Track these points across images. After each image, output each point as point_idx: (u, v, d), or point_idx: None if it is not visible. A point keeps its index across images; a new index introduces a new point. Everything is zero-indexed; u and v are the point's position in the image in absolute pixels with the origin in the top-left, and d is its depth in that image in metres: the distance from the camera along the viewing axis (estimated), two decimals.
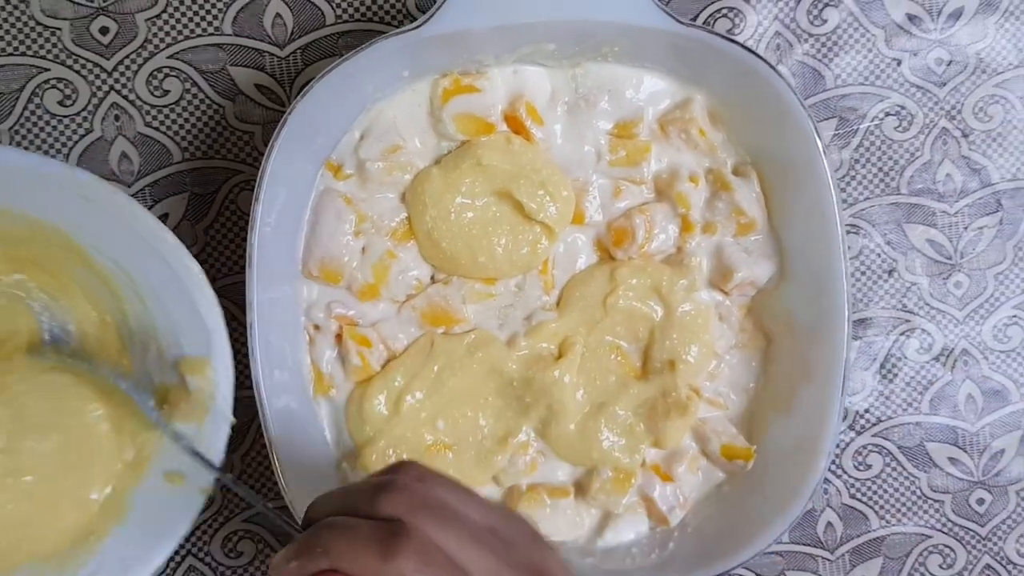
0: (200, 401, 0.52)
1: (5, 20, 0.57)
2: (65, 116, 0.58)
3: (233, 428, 0.52)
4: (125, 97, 0.58)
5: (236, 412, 0.52)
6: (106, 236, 0.51)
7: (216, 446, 0.52)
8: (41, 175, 0.49)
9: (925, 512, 0.63)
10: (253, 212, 0.52)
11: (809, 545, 0.63)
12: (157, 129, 0.58)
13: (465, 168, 0.55)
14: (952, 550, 0.64)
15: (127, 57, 0.58)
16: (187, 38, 0.58)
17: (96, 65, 0.58)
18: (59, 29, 0.57)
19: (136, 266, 0.51)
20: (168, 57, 0.58)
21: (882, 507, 0.63)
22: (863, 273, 0.62)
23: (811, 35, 0.60)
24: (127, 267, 0.51)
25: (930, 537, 0.64)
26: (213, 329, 0.51)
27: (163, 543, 0.52)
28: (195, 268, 0.51)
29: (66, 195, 0.49)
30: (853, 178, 0.62)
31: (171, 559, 0.60)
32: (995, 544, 0.64)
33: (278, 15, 0.58)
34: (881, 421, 0.63)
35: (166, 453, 0.53)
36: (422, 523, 0.37)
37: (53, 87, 0.58)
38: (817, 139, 0.53)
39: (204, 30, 0.58)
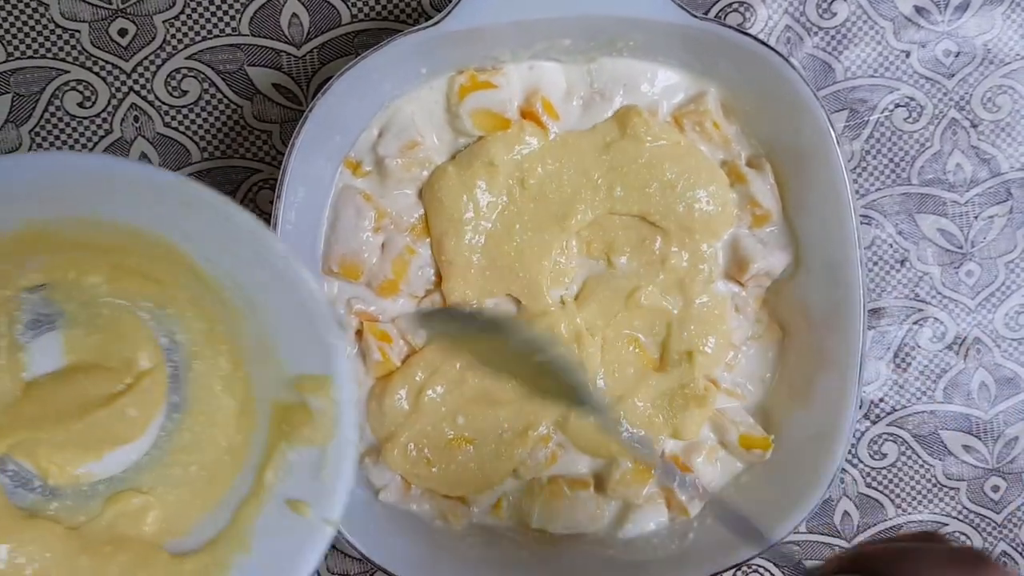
0: (323, 423, 0.47)
1: (25, 23, 0.57)
2: (85, 118, 0.58)
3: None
4: (144, 98, 0.59)
5: None
6: (215, 246, 0.47)
7: (344, 471, 0.47)
8: (147, 184, 0.45)
9: (940, 500, 0.64)
10: (275, 211, 0.52)
11: (826, 534, 0.64)
12: (176, 129, 0.59)
13: (478, 166, 0.56)
14: (968, 537, 0.64)
15: (146, 58, 0.58)
16: (205, 39, 0.58)
17: (115, 67, 0.58)
18: (78, 31, 0.58)
19: (248, 277, 0.47)
20: (186, 58, 0.58)
21: (898, 495, 0.64)
22: (875, 263, 0.63)
23: (821, 28, 0.61)
24: (239, 278, 0.48)
25: (946, 525, 0.64)
26: (333, 346, 0.46)
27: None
28: (311, 281, 0.46)
29: (170, 204, 0.45)
30: (864, 169, 0.62)
31: None
32: (1011, 531, 0.64)
33: (294, 15, 0.59)
34: (896, 410, 0.63)
35: (288, 480, 0.49)
36: None
37: (73, 89, 0.58)
38: (831, 130, 0.54)
39: (221, 31, 0.58)
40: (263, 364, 0.49)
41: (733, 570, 0.58)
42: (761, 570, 0.64)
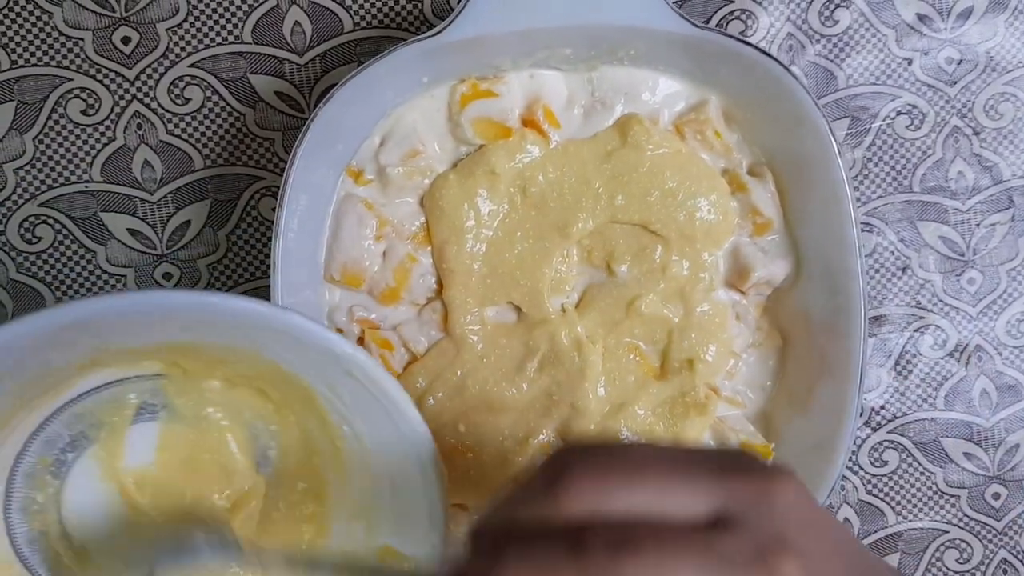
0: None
1: (29, 31, 0.58)
2: (88, 125, 0.59)
3: None
4: (147, 106, 0.59)
5: None
6: (356, 410, 0.46)
7: None
8: (313, 345, 0.43)
9: (941, 507, 0.64)
10: (277, 219, 0.52)
11: None
12: (179, 137, 0.59)
13: (480, 175, 0.56)
14: (969, 544, 0.64)
15: (149, 66, 0.59)
16: (208, 47, 0.59)
17: (118, 75, 0.59)
18: (82, 39, 0.58)
19: (374, 441, 0.47)
20: (189, 66, 0.59)
21: (899, 503, 0.64)
22: (877, 271, 0.63)
23: (823, 36, 0.61)
24: (366, 440, 0.47)
25: (947, 532, 0.64)
26: (435, 546, 0.46)
27: None
28: (440, 477, 0.45)
29: (329, 365, 0.44)
30: (866, 176, 0.62)
31: None
32: (1011, 538, 0.64)
33: (297, 23, 0.59)
34: (897, 417, 0.63)
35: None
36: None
37: (76, 96, 0.58)
38: (832, 138, 0.54)
39: (224, 39, 0.59)
40: (348, 521, 0.49)
41: None
42: None
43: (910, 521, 0.64)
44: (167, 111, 0.59)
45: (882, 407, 0.63)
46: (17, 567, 0.47)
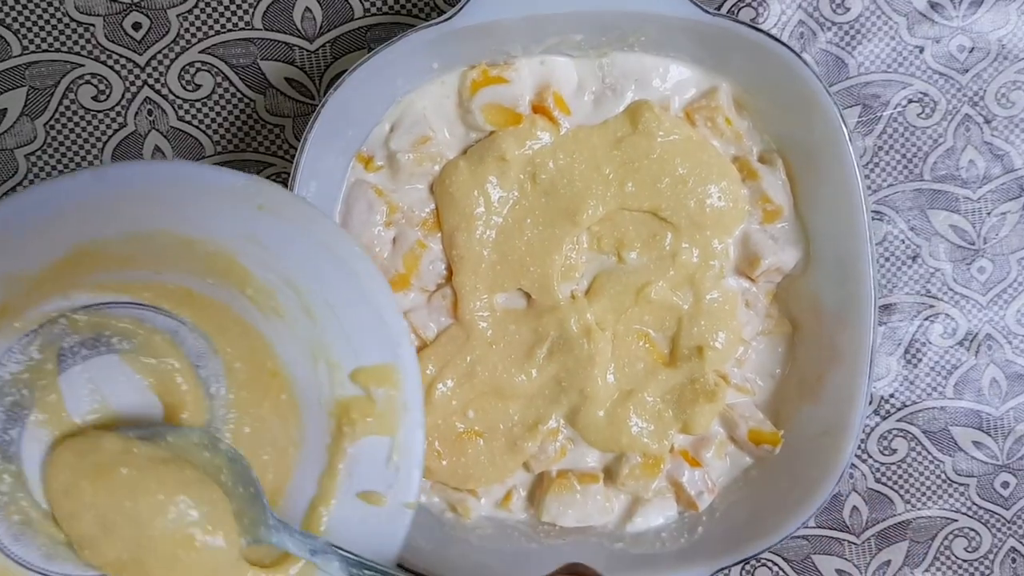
0: (389, 411, 0.48)
1: (40, 17, 0.58)
2: (99, 111, 0.59)
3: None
4: (158, 92, 0.59)
5: None
6: (278, 249, 0.46)
7: (417, 453, 0.48)
8: (219, 188, 0.44)
9: (950, 496, 0.64)
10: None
11: (835, 529, 0.64)
12: (189, 123, 0.59)
13: (490, 162, 0.56)
14: (977, 533, 0.64)
15: (159, 52, 0.59)
16: (218, 33, 0.59)
17: (129, 60, 0.59)
18: (93, 25, 0.58)
19: (307, 278, 0.47)
20: (200, 52, 0.59)
21: (907, 491, 0.64)
22: (887, 259, 0.63)
23: (834, 23, 0.61)
24: (297, 281, 0.47)
25: (955, 520, 0.64)
26: (398, 334, 0.47)
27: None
28: (377, 273, 0.47)
29: (240, 207, 0.44)
30: (877, 165, 0.62)
31: None
32: (1020, 527, 0.64)
33: (307, 9, 0.59)
34: (906, 406, 0.63)
35: (355, 474, 0.48)
36: None
37: (87, 82, 0.59)
38: (843, 126, 0.54)
39: (235, 25, 0.59)
40: (312, 368, 0.49)
41: (741, 564, 0.58)
42: (769, 564, 0.64)
43: (919, 509, 0.64)
44: (178, 97, 0.59)
45: (891, 395, 0.63)
46: (13, 568, 0.46)
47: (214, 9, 0.58)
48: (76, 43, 0.58)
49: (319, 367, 0.49)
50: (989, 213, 0.63)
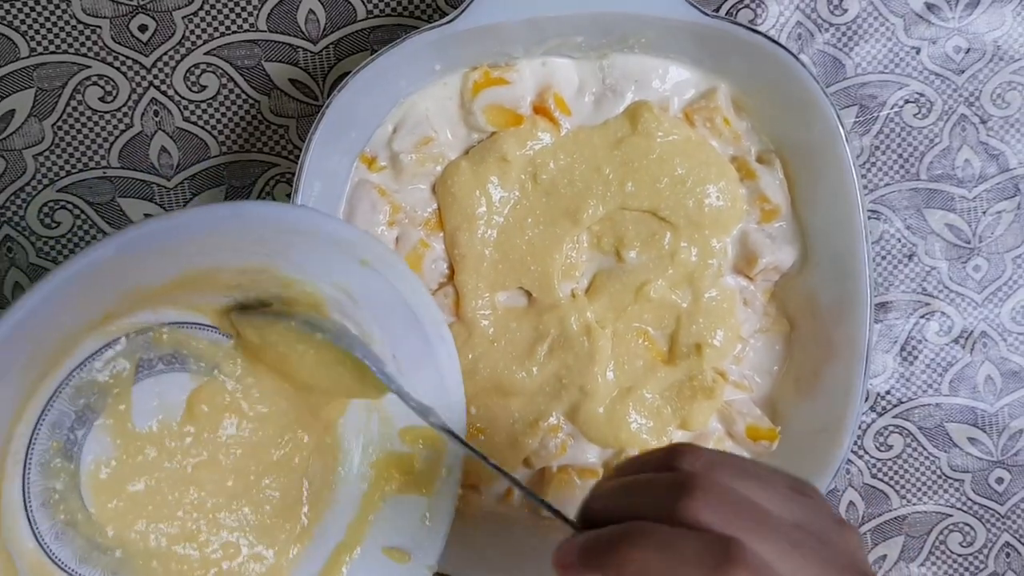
0: (430, 472, 0.48)
1: (47, 19, 0.59)
2: (106, 112, 0.60)
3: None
4: (164, 93, 0.60)
5: None
6: (364, 302, 0.48)
7: (449, 519, 0.48)
8: (333, 238, 0.45)
9: (945, 491, 0.65)
10: (292, 204, 0.53)
11: None
12: (195, 124, 0.60)
13: (491, 162, 0.57)
14: (972, 528, 0.65)
15: (165, 54, 0.59)
16: (223, 35, 0.59)
17: (136, 62, 0.59)
18: (99, 27, 0.59)
19: (383, 332, 0.49)
20: (205, 53, 0.60)
21: (903, 487, 0.65)
22: (883, 258, 0.63)
23: (831, 24, 0.61)
24: (372, 334, 0.49)
25: (950, 516, 0.65)
26: (456, 404, 0.49)
27: None
28: (451, 345, 0.49)
29: (345, 259, 0.46)
30: (873, 164, 0.63)
31: None
32: (1014, 522, 0.65)
33: (311, 11, 0.60)
34: (902, 403, 0.64)
35: (385, 528, 0.49)
36: (746, 537, 0.33)
37: (94, 83, 0.59)
38: (840, 127, 0.55)
39: (239, 27, 0.59)
40: (365, 417, 0.50)
41: None
42: None
43: (914, 505, 0.65)
44: (183, 98, 0.60)
45: (887, 392, 0.64)
46: (48, 566, 0.47)
47: (219, 11, 0.59)
48: (83, 45, 0.59)
49: (372, 417, 0.50)
50: (984, 212, 0.63)
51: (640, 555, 0.33)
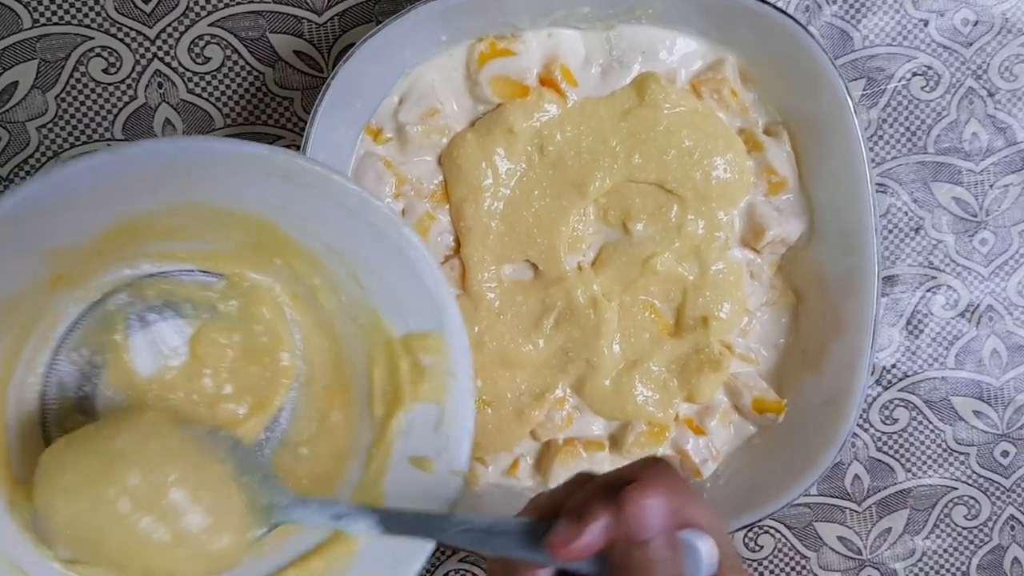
0: (438, 378, 0.48)
1: None
2: (110, 84, 0.59)
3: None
4: (168, 64, 0.59)
5: None
6: (314, 218, 0.46)
7: (466, 421, 0.48)
8: (241, 158, 0.44)
9: (950, 464, 0.65)
10: None
11: (837, 497, 0.65)
12: (199, 96, 0.60)
13: (497, 134, 0.57)
14: (977, 501, 0.65)
15: (169, 25, 0.59)
16: (227, 6, 0.59)
17: (139, 33, 0.59)
18: None
19: (349, 245, 0.47)
20: (209, 25, 0.59)
21: (908, 460, 0.65)
22: (890, 231, 0.63)
23: None
24: (339, 247, 0.47)
25: (955, 489, 0.65)
26: (443, 303, 0.47)
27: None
28: (417, 239, 0.46)
29: (267, 179, 0.44)
30: (880, 137, 0.63)
31: None
32: (1019, 495, 0.65)
33: None
34: (907, 376, 0.64)
35: (408, 439, 0.49)
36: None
37: (98, 55, 0.59)
38: (848, 98, 0.54)
39: None
40: (365, 332, 0.49)
41: (744, 530, 0.59)
42: (772, 531, 0.65)
43: (919, 478, 0.65)
44: (187, 70, 0.60)
45: (893, 366, 0.64)
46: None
47: None
48: (87, 16, 0.59)
49: (373, 337, 0.49)
50: (991, 185, 0.63)
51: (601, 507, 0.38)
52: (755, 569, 0.65)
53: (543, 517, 0.40)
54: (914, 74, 0.62)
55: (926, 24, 0.62)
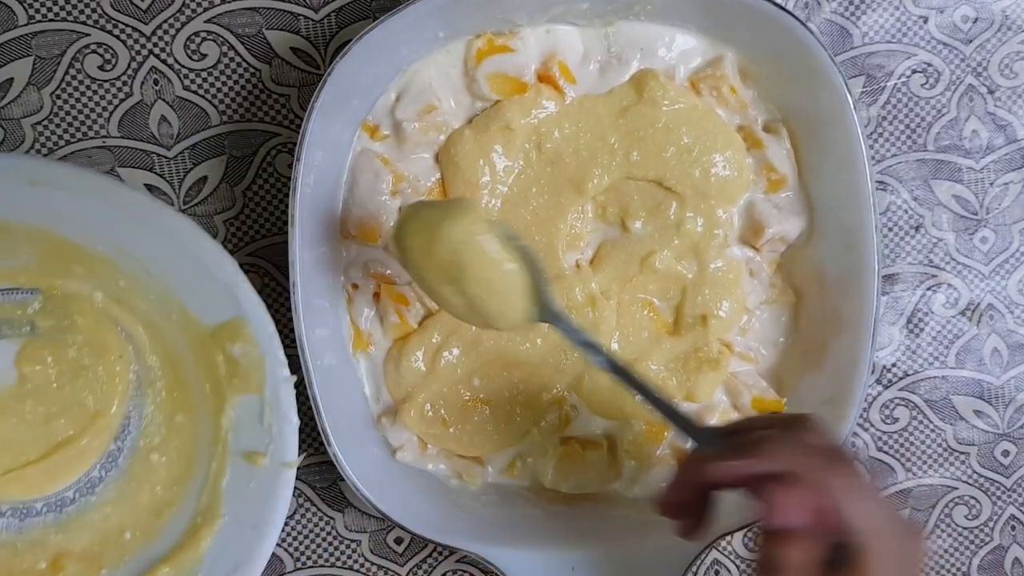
0: (252, 368, 0.49)
1: None
2: (105, 80, 0.59)
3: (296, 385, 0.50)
4: (164, 61, 0.59)
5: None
6: (94, 222, 0.48)
7: (285, 410, 0.48)
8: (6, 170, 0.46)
9: (951, 464, 0.65)
10: (294, 173, 0.53)
11: None
12: (195, 93, 0.59)
13: (495, 131, 0.56)
14: (977, 501, 0.65)
15: (165, 22, 0.59)
16: (224, 2, 0.59)
17: (135, 30, 0.59)
18: None
19: (133, 244, 0.49)
20: (205, 21, 0.59)
21: (909, 459, 0.64)
22: (890, 229, 0.63)
23: None
24: (122, 245, 0.49)
25: (956, 489, 0.65)
26: (235, 287, 0.48)
27: (265, 531, 0.49)
28: (201, 231, 0.48)
29: (13, 186, 0.46)
30: (880, 135, 0.62)
31: None
32: (1020, 495, 0.65)
33: None
34: (908, 375, 0.64)
35: (239, 434, 0.50)
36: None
37: (93, 52, 0.59)
38: (848, 95, 0.54)
39: None
40: (182, 328, 0.50)
41: (744, 529, 0.58)
42: None
43: (919, 478, 0.64)
44: (183, 67, 0.59)
45: (894, 365, 0.64)
46: None
47: None
48: (82, 12, 0.58)
49: (191, 332, 0.50)
50: (992, 183, 0.63)
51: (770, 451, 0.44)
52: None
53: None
54: (914, 71, 0.62)
55: (926, 21, 0.61)
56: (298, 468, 0.56)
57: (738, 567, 0.64)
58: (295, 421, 0.49)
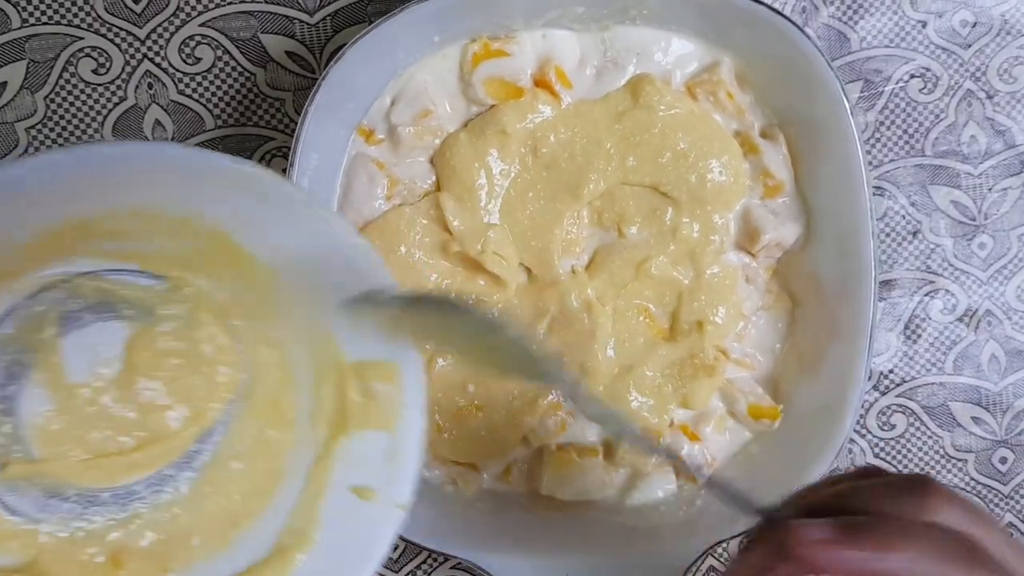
0: (388, 408, 0.47)
1: None
2: (99, 84, 0.59)
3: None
4: (158, 65, 0.59)
5: None
6: (274, 233, 0.45)
7: (414, 455, 0.47)
8: (207, 168, 0.42)
9: (948, 471, 0.64)
10: (288, 178, 0.52)
11: None
12: (190, 97, 0.59)
13: (491, 135, 0.56)
14: None
15: (159, 25, 0.58)
16: (218, 6, 0.58)
17: (129, 33, 0.58)
18: None
19: (305, 260, 0.46)
20: (200, 25, 0.59)
21: (906, 466, 0.64)
22: (888, 235, 0.63)
23: None
24: (296, 264, 0.46)
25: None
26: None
27: (362, 567, 0.46)
28: (378, 263, 0.45)
29: (230, 191, 0.43)
30: (878, 140, 0.62)
31: None
32: (1017, 502, 0.65)
33: None
34: (905, 381, 0.64)
35: (351, 467, 0.48)
36: (981, 535, 0.36)
37: (87, 55, 0.58)
38: (845, 101, 0.54)
39: None
40: (315, 351, 0.48)
41: (740, 537, 0.58)
42: None
43: None
44: (178, 71, 0.59)
45: (891, 371, 0.63)
46: (8, 518, 0.46)
47: None
48: (76, 16, 0.58)
49: (323, 356, 0.48)
50: (990, 189, 0.63)
51: (901, 543, 0.35)
52: None
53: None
54: (912, 76, 0.62)
55: (924, 25, 0.61)
56: None
57: None
58: (418, 469, 0.47)
